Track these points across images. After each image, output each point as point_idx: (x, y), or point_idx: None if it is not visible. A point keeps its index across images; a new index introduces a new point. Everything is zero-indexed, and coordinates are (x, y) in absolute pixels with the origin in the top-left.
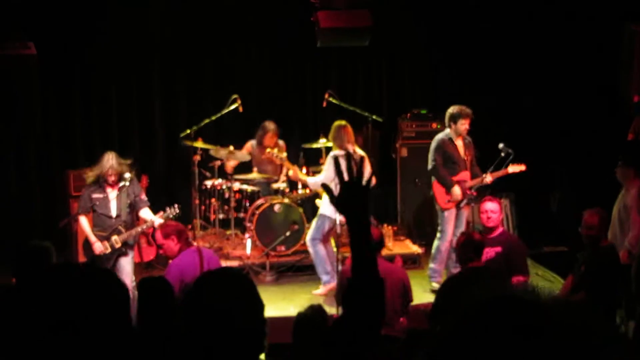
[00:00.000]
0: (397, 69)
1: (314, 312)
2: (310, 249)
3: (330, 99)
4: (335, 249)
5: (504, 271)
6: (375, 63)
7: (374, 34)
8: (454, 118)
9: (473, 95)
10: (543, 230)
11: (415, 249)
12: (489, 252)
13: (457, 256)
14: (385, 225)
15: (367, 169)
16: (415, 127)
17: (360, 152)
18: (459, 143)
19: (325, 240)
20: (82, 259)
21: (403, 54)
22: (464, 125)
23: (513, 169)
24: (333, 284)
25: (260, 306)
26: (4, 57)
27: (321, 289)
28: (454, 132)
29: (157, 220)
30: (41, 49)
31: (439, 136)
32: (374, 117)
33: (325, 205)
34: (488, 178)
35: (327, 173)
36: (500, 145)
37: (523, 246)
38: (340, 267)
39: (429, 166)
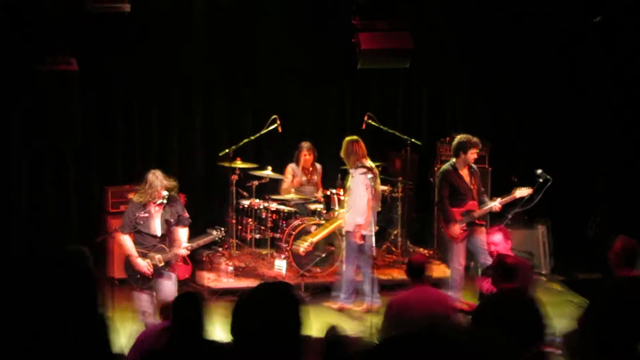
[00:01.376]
0: (437, 92)
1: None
2: (344, 266)
3: (370, 121)
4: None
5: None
6: (415, 86)
7: (414, 56)
8: (465, 147)
9: (512, 119)
10: (579, 256)
11: (449, 272)
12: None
13: (491, 278)
14: (421, 249)
15: (378, 185)
16: None
17: (371, 164)
18: (465, 172)
19: (360, 258)
20: (119, 274)
21: (443, 77)
22: (473, 154)
23: (520, 193)
24: (347, 305)
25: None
26: (45, 72)
27: (335, 305)
28: (463, 161)
29: (184, 251)
30: (83, 65)
31: (445, 167)
32: (413, 140)
33: (348, 222)
34: (497, 205)
35: (359, 194)
36: (539, 171)
37: (532, 274)
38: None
39: (436, 200)
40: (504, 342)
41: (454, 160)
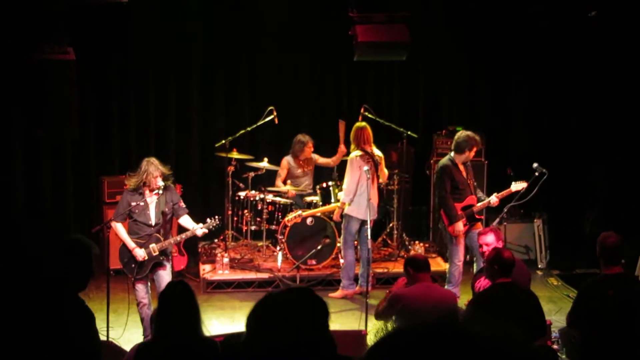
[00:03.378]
0: (433, 85)
1: None
2: (342, 252)
3: (366, 113)
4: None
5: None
6: (412, 78)
7: (411, 49)
8: (470, 146)
9: (508, 114)
10: (576, 251)
11: (446, 266)
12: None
13: (486, 271)
14: (416, 242)
15: (383, 170)
16: (450, 144)
17: (378, 152)
18: (461, 167)
19: (358, 244)
20: (115, 265)
21: (440, 70)
22: (473, 152)
23: (516, 187)
24: (350, 291)
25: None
26: (42, 61)
27: (338, 292)
28: (464, 158)
29: (199, 230)
30: (80, 54)
31: (444, 162)
32: (409, 132)
33: (350, 207)
34: (493, 199)
35: (350, 176)
36: (535, 165)
37: (526, 272)
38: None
39: (437, 196)
40: (520, 335)
41: (452, 154)
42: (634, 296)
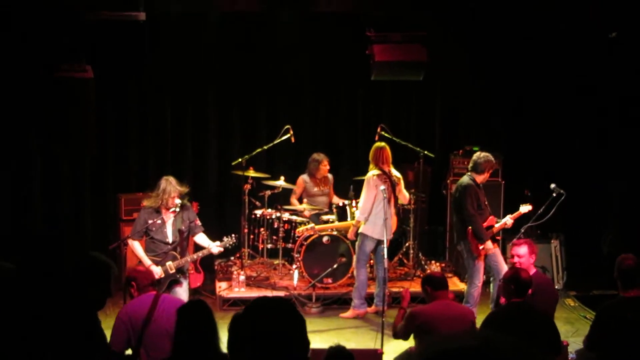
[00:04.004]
0: (450, 105)
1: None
2: (355, 272)
3: (383, 132)
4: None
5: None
6: (429, 98)
7: (428, 68)
8: (489, 167)
9: (526, 133)
10: (593, 272)
11: (462, 286)
12: None
13: (502, 289)
14: (433, 262)
15: (402, 192)
16: (466, 164)
17: (396, 173)
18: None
19: (374, 263)
20: None
21: (457, 90)
22: (489, 173)
23: (524, 208)
24: (361, 310)
25: (306, 341)
26: (61, 79)
27: (349, 312)
28: (483, 179)
29: (216, 248)
30: (98, 72)
31: (468, 182)
32: (426, 152)
33: (365, 225)
34: (509, 221)
35: (366, 194)
36: (552, 186)
37: (553, 290)
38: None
39: (465, 216)
40: (539, 353)
41: (472, 175)
42: None
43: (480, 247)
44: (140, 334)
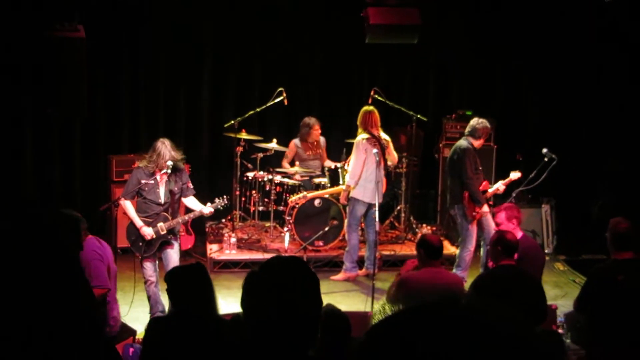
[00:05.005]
0: (444, 68)
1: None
2: (346, 236)
3: (376, 96)
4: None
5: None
6: (423, 62)
7: (422, 32)
8: (485, 133)
9: (519, 98)
10: (583, 237)
11: (453, 250)
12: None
13: (490, 253)
14: (424, 225)
15: (392, 154)
16: (459, 128)
17: (385, 136)
18: None
19: (364, 226)
20: (122, 243)
21: (451, 54)
22: (485, 139)
23: (514, 175)
24: (352, 273)
25: (319, 299)
26: (52, 39)
27: (340, 275)
28: (480, 143)
29: (207, 209)
30: (90, 32)
31: (465, 145)
32: (419, 116)
33: (356, 190)
34: (501, 187)
35: (356, 158)
36: (544, 150)
37: (540, 253)
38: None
39: (465, 179)
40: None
41: (469, 139)
42: None
43: (477, 211)
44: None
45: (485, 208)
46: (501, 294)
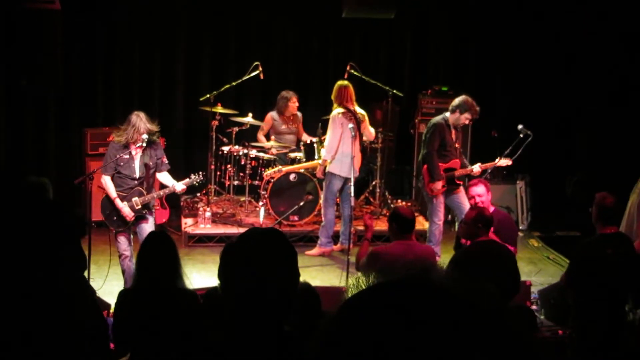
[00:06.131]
0: (420, 44)
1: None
2: (323, 210)
3: (352, 71)
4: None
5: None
6: (399, 37)
7: (399, 7)
8: (462, 109)
9: (495, 74)
10: (557, 214)
11: (427, 225)
12: None
13: (465, 230)
14: (399, 200)
15: (367, 129)
16: (435, 103)
17: (360, 110)
18: (453, 130)
19: (340, 201)
20: (97, 217)
21: (427, 30)
22: (467, 119)
23: (501, 162)
24: (327, 248)
25: (297, 272)
26: (28, 11)
27: (315, 250)
28: (455, 120)
29: (179, 185)
30: (66, 5)
31: (437, 120)
32: (395, 91)
33: (332, 164)
34: (476, 168)
35: (332, 133)
36: (520, 127)
37: (513, 224)
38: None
39: (423, 151)
40: (495, 292)
41: (447, 114)
42: (629, 254)
43: (429, 187)
44: None
45: (438, 185)
46: (481, 269)
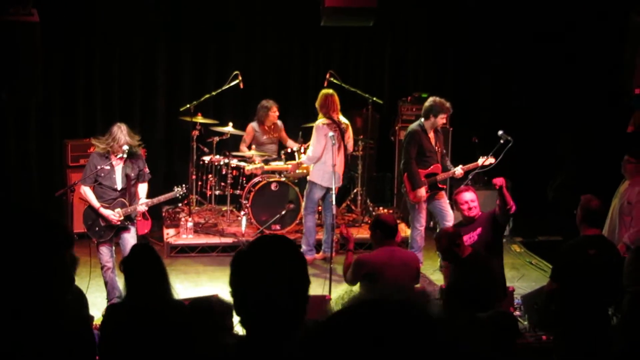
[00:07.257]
0: (400, 51)
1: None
2: (303, 219)
3: (332, 79)
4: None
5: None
6: (378, 45)
7: (378, 15)
8: (435, 112)
9: (474, 80)
10: (539, 219)
11: (409, 232)
12: (472, 236)
13: (446, 257)
14: (380, 208)
15: (351, 139)
16: (415, 110)
17: (344, 120)
18: (431, 134)
19: (322, 210)
20: (79, 229)
21: (406, 37)
22: (442, 119)
23: (483, 161)
24: (309, 257)
25: (307, 278)
26: (6, 23)
27: None
28: (431, 124)
29: (141, 207)
30: (45, 16)
31: (413, 127)
32: (375, 99)
33: (312, 172)
34: (459, 171)
35: (316, 144)
36: (500, 132)
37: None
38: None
39: (402, 160)
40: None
41: (422, 120)
42: (612, 256)
43: (411, 194)
44: None
45: (422, 192)
46: (478, 279)
